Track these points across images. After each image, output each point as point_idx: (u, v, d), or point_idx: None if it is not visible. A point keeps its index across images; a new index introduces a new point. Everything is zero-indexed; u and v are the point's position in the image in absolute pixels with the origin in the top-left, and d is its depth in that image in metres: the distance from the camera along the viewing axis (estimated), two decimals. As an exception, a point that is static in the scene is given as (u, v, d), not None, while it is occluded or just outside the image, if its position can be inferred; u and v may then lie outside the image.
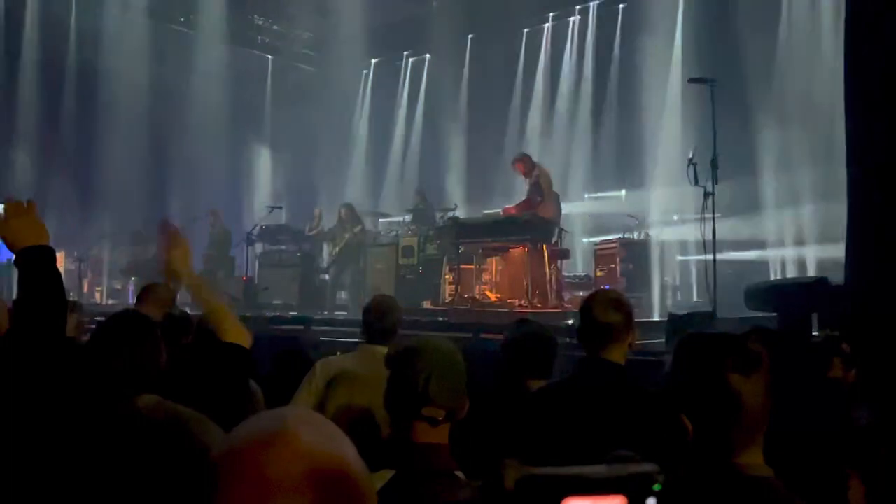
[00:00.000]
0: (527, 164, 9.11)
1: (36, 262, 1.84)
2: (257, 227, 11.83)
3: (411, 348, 1.80)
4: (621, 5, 12.61)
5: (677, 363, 1.47)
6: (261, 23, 15.90)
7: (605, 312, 2.41)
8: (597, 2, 13.05)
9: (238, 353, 2.20)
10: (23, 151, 12.58)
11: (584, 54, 13.23)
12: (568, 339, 3.73)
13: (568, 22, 13.53)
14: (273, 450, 0.76)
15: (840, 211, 5.44)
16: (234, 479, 0.75)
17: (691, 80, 6.94)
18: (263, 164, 15.71)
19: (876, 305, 4.50)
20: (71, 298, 8.97)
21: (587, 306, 2.48)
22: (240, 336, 2.24)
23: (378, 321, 3.23)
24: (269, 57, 16.36)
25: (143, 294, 3.58)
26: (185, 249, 2.31)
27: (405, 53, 15.67)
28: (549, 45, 13.80)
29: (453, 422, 1.74)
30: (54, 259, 1.88)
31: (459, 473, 1.68)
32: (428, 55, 15.37)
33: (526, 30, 14.04)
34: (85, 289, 12.75)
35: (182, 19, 14.89)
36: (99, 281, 13.43)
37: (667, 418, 1.44)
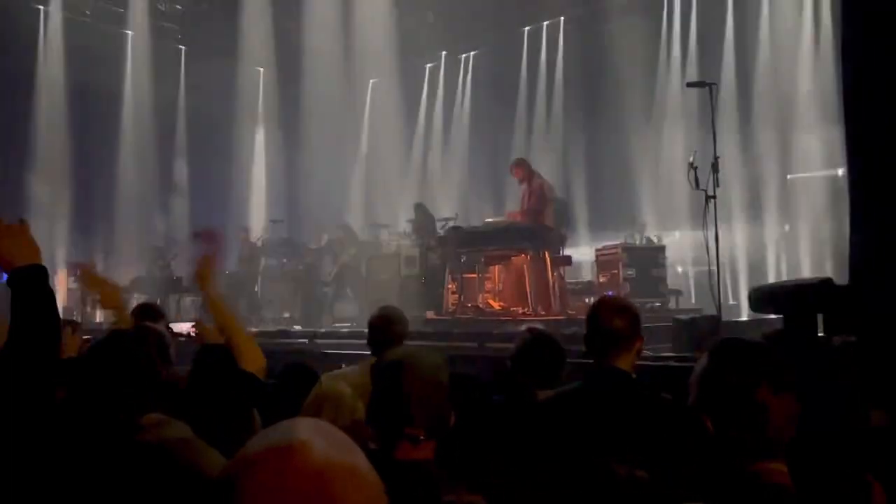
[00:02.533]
0: (525, 170, 9.09)
1: (28, 282, 1.80)
2: (259, 241, 11.86)
3: (393, 364, 1.77)
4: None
5: (712, 366, 1.46)
6: (260, 38, 15.96)
7: (612, 319, 2.39)
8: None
9: (252, 385, 2.16)
10: (27, 170, 12.61)
11: (581, 58, 13.29)
12: (573, 347, 3.72)
13: (562, 25, 13.59)
14: (287, 461, 0.76)
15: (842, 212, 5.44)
16: (250, 492, 0.75)
17: (690, 84, 6.95)
18: (266, 176, 15.74)
19: (881, 306, 4.48)
20: (73, 318, 9.00)
21: (593, 313, 2.47)
22: (257, 363, 2.21)
23: (383, 332, 3.22)
24: (263, 70, 16.40)
25: (136, 312, 3.57)
26: (211, 263, 2.29)
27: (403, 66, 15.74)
28: (546, 49, 13.88)
29: (439, 437, 1.72)
30: (47, 278, 1.84)
31: (447, 489, 1.66)
32: (429, 65, 15.49)
33: (526, 28, 14.09)
34: (87, 307, 12.74)
35: (179, 36, 14.96)
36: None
37: (681, 421, 1.44)
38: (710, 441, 1.41)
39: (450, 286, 9.55)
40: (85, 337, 4.40)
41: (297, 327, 10.23)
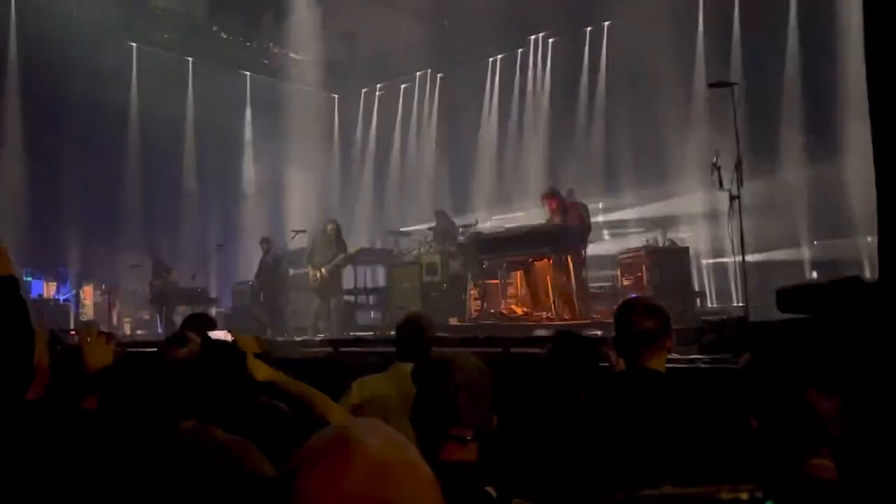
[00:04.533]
0: (558, 201, 8.93)
1: (1, 293, 1.77)
2: (281, 252, 11.95)
3: (438, 365, 1.77)
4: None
5: (762, 370, 1.46)
6: (276, 51, 16.13)
7: (642, 320, 2.39)
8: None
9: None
10: (50, 186, 12.78)
11: (602, 62, 13.27)
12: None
13: (586, 32, 13.55)
14: (343, 456, 0.79)
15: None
16: (308, 487, 0.77)
17: (712, 85, 6.89)
18: (284, 188, 15.85)
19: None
20: (103, 329, 9.06)
21: (623, 315, 2.45)
22: (338, 415, 2.20)
23: (413, 338, 3.22)
24: (276, 80, 16.55)
25: (186, 323, 3.56)
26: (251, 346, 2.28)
27: (418, 74, 15.83)
28: (566, 55, 13.88)
29: (482, 439, 1.71)
30: (18, 288, 1.82)
31: (491, 490, 1.65)
32: (440, 74, 15.57)
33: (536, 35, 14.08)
34: (114, 320, 12.88)
35: (200, 51, 15.13)
36: (127, 312, 13.57)
37: (731, 418, 1.44)
38: (755, 438, 1.40)
39: (472, 292, 9.55)
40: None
41: (321, 336, 10.26)
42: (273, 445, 1.88)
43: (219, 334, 2.42)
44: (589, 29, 13.40)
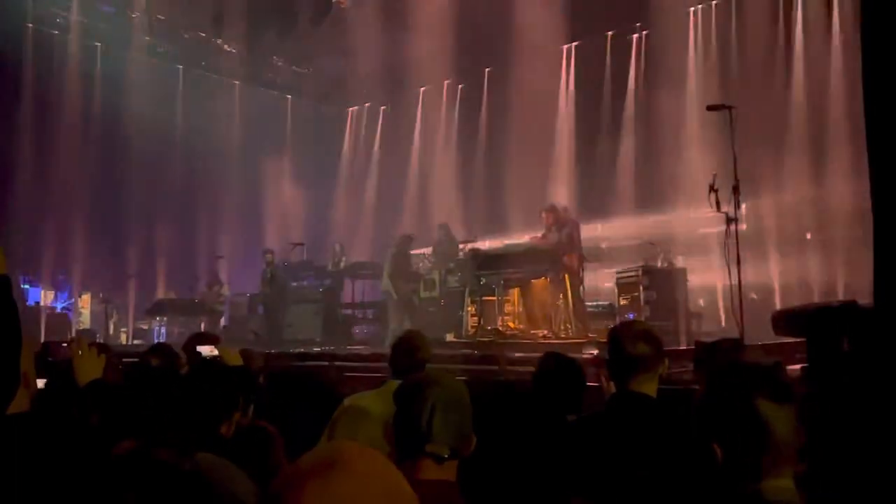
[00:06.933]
0: (555, 216, 9.06)
1: None
2: (281, 265, 11.95)
3: (415, 385, 1.80)
4: (635, 35, 12.75)
5: (710, 391, 1.49)
6: (280, 64, 16.21)
7: (635, 345, 2.39)
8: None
9: None
10: (50, 195, 12.81)
11: (603, 81, 13.34)
12: (593, 370, 3.70)
13: (590, 48, 13.63)
14: (329, 478, 0.81)
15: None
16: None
17: (710, 108, 6.91)
18: (284, 201, 15.88)
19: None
20: (98, 340, 9.05)
21: (616, 339, 2.45)
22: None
23: (407, 357, 3.22)
24: (288, 97, 16.64)
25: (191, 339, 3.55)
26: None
27: (421, 88, 15.89)
28: (569, 74, 13.94)
29: (460, 458, 1.74)
30: (10, 289, 1.78)
31: None
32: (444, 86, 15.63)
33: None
34: (111, 330, 12.86)
35: (203, 63, 15.20)
36: (124, 322, 13.55)
37: (696, 447, 1.46)
38: (719, 467, 1.41)
39: (469, 308, 9.55)
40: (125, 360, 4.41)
41: (317, 349, 10.25)
42: (259, 465, 1.88)
43: (204, 349, 2.42)
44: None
